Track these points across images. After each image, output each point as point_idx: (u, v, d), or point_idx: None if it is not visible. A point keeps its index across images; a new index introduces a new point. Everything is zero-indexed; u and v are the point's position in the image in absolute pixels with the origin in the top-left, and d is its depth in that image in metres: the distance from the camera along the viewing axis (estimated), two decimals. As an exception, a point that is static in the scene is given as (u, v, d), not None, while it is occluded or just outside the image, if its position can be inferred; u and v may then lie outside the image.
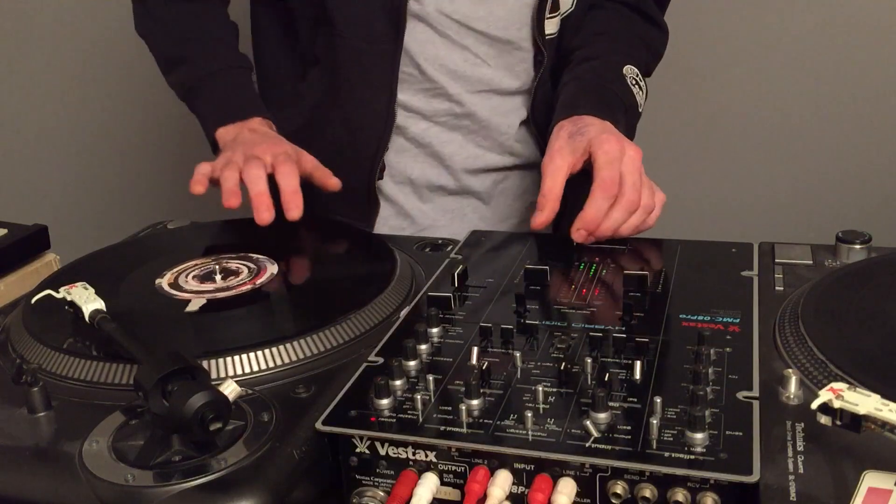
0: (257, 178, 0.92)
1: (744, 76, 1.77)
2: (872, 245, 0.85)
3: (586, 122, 0.98)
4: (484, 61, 1.09)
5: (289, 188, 0.93)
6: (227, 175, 0.93)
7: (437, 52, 1.07)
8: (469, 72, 1.09)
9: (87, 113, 2.17)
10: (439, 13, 1.05)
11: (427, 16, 1.05)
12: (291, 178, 0.94)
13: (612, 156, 0.91)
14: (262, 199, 0.91)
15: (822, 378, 0.63)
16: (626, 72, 1.07)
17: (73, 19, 2.09)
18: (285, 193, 0.93)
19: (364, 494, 0.62)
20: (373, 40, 1.05)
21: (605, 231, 0.90)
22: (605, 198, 0.89)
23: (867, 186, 1.76)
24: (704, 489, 0.55)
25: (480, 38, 1.08)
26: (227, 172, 0.94)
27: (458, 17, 1.06)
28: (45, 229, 1.02)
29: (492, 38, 1.08)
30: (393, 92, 1.07)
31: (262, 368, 0.70)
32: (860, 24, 1.68)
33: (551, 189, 0.92)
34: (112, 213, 2.21)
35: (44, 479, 0.59)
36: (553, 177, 0.93)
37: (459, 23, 1.06)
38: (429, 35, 1.06)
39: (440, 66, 1.08)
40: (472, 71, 1.09)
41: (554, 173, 0.93)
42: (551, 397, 0.63)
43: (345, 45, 1.07)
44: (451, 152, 1.13)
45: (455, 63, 1.08)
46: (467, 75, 1.09)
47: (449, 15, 1.06)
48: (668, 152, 1.72)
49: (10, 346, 0.77)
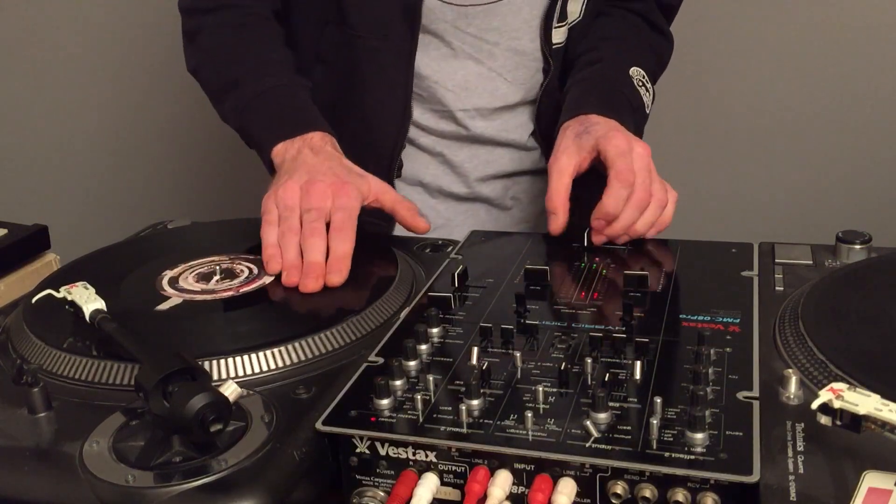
0: (314, 248, 0.85)
1: (743, 77, 1.78)
2: (872, 245, 0.85)
3: (593, 121, 0.97)
4: (499, 74, 1.09)
5: (338, 252, 0.85)
6: (288, 242, 0.86)
7: (452, 68, 1.07)
8: (482, 87, 1.09)
9: (88, 113, 2.17)
10: (455, 28, 1.06)
11: (444, 32, 1.06)
12: (345, 243, 0.86)
13: (623, 149, 0.91)
14: (314, 268, 0.84)
15: (822, 378, 0.63)
16: (632, 73, 1.07)
17: (73, 19, 2.09)
18: (333, 258, 0.85)
19: (364, 494, 0.62)
20: (389, 39, 1.05)
21: (617, 229, 0.90)
22: (622, 187, 0.89)
23: (867, 186, 1.76)
24: (704, 489, 0.55)
25: (495, 51, 1.08)
26: (288, 236, 0.86)
27: (472, 31, 1.06)
28: (45, 229, 1.02)
29: (505, 49, 1.08)
30: (409, 89, 1.07)
31: (263, 369, 0.70)
32: (860, 25, 1.68)
33: (558, 190, 0.92)
34: (112, 213, 2.21)
35: (44, 480, 0.59)
36: (559, 176, 0.93)
37: (474, 36, 1.06)
38: (444, 52, 1.07)
39: (454, 84, 1.08)
40: (486, 86, 1.09)
41: (560, 173, 0.93)
42: (551, 397, 0.63)
43: (361, 44, 1.06)
44: (462, 160, 1.14)
45: (468, 80, 1.08)
46: (479, 91, 1.09)
47: (463, 29, 1.06)
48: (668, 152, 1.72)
49: (10, 346, 0.77)
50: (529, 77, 1.11)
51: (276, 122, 0.99)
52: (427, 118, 1.11)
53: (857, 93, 1.72)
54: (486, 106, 1.10)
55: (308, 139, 0.96)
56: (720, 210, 1.85)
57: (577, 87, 1.07)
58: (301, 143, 0.96)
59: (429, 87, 1.09)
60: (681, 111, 1.76)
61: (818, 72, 1.73)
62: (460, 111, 1.10)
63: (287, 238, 0.86)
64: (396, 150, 1.09)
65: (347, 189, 0.89)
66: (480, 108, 1.11)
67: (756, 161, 1.82)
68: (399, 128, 1.09)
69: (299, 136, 0.96)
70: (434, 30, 1.06)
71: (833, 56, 1.71)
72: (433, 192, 1.16)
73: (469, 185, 1.15)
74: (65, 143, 2.21)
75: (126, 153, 2.20)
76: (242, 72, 1.03)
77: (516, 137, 1.14)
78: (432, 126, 1.11)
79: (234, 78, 1.03)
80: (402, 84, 1.07)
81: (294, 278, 0.83)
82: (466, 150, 1.13)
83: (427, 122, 1.11)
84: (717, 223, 1.78)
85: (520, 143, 1.15)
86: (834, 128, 1.75)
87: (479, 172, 1.15)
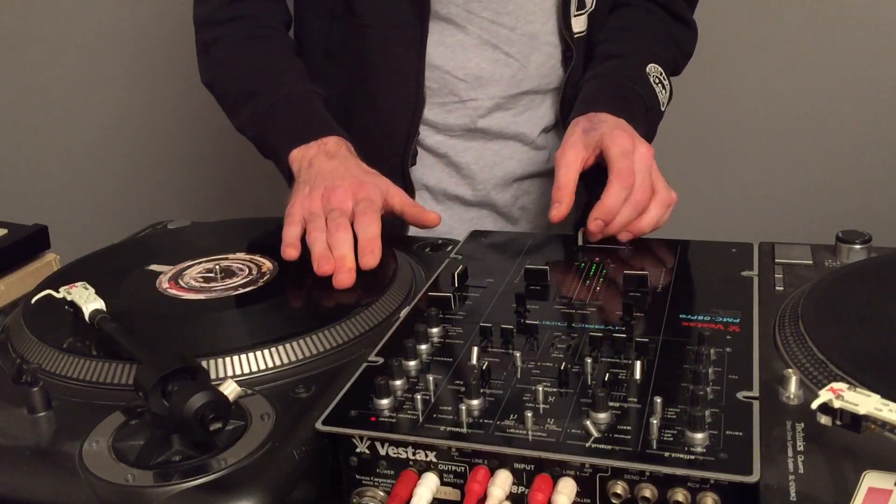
0: (340, 242, 0.86)
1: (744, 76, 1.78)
2: (872, 245, 0.85)
3: (601, 118, 0.98)
4: (515, 59, 1.09)
5: (367, 235, 0.86)
6: (315, 238, 0.87)
7: (466, 55, 1.07)
8: (498, 74, 1.09)
9: (88, 113, 2.17)
10: (468, 13, 1.05)
11: (455, 16, 1.06)
12: (371, 226, 0.87)
13: (626, 148, 0.91)
14: (345, 262, 0.84)
15: (822, 378, 0.63)
16: (649, 70, 1.07)
17: (73, 19, 2.09)
18: (363, 240, 0.86)
19: (364, 494, 0.62)
20: (399, 27, 1.05)
21: (615, 227, 0.90)
22: (622, 187, 0.89)
23: (867, 186, 1.76)
24: (704, 489, 0.55)
25: (512, 35, 1.07)
26: (314, 234, 0.87)
27: (486, 15, 1.06)
28: (45, 229, 1.02)
29: (521, 32, 1.08)
30: (420, 78, 1.07)
31: (263, 368, 0.70)
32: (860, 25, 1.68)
33: (566, 182, 0.92)
34: (112, 213, 2.21)
35: (44, 479, 0.59)
36: (566, 169, 0.93)
37: (489, 20, 1.06)
38: (458, 38, 1.07)
39: (466, 73, 1.08)
40: (502, 72, 1.09)
41: (567, 166, 0.93)
42: (551, 397, 0.63)
43: (371, 34, 1.07)
44: (468, 161, 1.13)
45: (482, 66, 1.08)
46: (495, 78, 1.09)
47: (477, 13, 1.06)
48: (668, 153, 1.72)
49: (10, 346, 0.77)
50: (544, 62, 1.11)
51: (292, 128, 1.01)
52: (435, 113, 1.10)
53: (857, 93, 1.72)
54: (499, 94, 1.10)
55: (323, 144, 0.98)
56: (720, 210, 1.85)
57: (591, 82, 1.07)
58: (317, 148, 0.98)
59: (440, 78, 1.08)
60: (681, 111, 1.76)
61: (818, 72, 1.73)
62: (472, 101, 1.10)
63: (314, 236, 0.87)
64: (410, 138, 1.09)
65: (367, 186, 0.92)
66: (494, 96, 1.10)
67: (756, 161, 1.82)
68: (413, 115, 1.08)
69: (314, 142, 0.98)
70: (445, 14, 1.06)
71: (833, 56, 1.71)
72: (438, 196, 1.15)
73: (475, 189, 1.15)
74: (65, 143, 2.21)
75: (126, 153, 2.20)
76: (258, 83, 1.05)
77: (526, 131, 1.13)
78: (440, 122, 1.11)
79: (250, 89, 1.05)
80: (413, 71, 1.06)
81: (326, 267, 0.84)
82: (473, 151, 1.13)
83: (435, 118, 1.11)
84: (717, 223, 1.78)
85: (529, 138, 1.14)
86: (834, 128, 1.75)
87: (486, 174, 1.14)
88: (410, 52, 1.06)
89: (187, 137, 2.13)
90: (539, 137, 1.15)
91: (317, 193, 0.91)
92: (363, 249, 0.85)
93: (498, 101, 1.10)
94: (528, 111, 1.13)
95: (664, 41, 1.13)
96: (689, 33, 1.17)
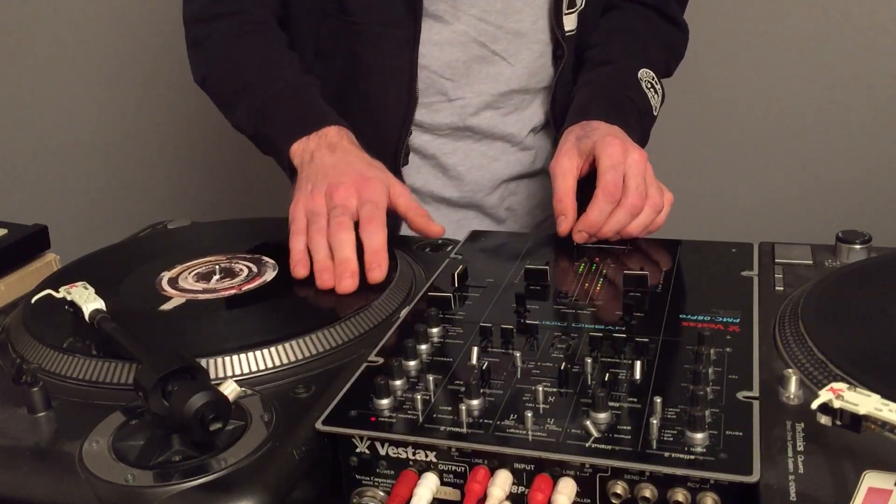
0: (343, 243, 0.84)
1: (744, 76, 1.78)
2: (872, 245, 0.85)
3: (594, 125, 0.98)
4: (502, 58, 1.08)
5: (372, 246, 0.84)
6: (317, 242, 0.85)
7: (453, 55, 1.07)
8: (485, 72, 1.08)
9: (88, 113, 2.17)
10: (456, 10, 1.05)
11: (444, 13, 1.05)
12: (376, 234, 0.85)
13: (616, 159, 0.91)
14: (347, 265, 0.83)
15: (822, 378, 0.63)
16: (641, 76, 1.07)
17: (73, 19, 2.09)
18: (368, 252, 0.84)
19: (364, 494, 0.62)
20: (391, 25, 1.05)
21: (607, 232, 0.90)
22: (607, 202, 0.90)
23: (867, 186, 1.76)
24: (704, 489, 0.55)
25: (499, 33, 1.07)
26: (316, 237, 0.86)
27: (474, 13, 1.06)
28: (45, 229, 1.02)
29: (508, 30, 1.07)
30: (413, 76, 1.06)
31: (263, 368, 0.70)
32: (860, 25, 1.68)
33: (566, 192, 0.93)
34: (112, 213, 2.21)
35: (44, 479, 0.59)
36: (563, 178, 0.93)
37: (477, 18, 1.06)
38: (445, 35, 1.06)
39: (454, 72, 1.08)
40: (489, 70, 1.08)
41: (564, 175, 0.94)
42: (551, 397, 0.63)
43: (363, 31, 1.06)
44: (455, 162, 1.13)
45: (469, 65, 1.08)
46: (482, 76, 1.09)
47: (465, 11, 1.05)
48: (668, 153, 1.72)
49: (10, 346, 0.77)
50: (533, 61, 1.10)
51: (290, 121, 0.99)
52: (423, 113, 1.10)
53: (857, 93, 1.72)
54: (487, 91, 1.10)
55: (323, 135, 0.96)
56: (720, 210, 1.85)
57: (584, 89, 1.07)
58: (317, 140, 0.96)
59: (427, 77, 1.08)
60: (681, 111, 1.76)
61: (818, 72, 1.73)
62: (459, 100, 1.09)
63: (315, 240, 0.85)
64: (403, 136, 1.09)
65: (372, 183, 0.89)
66: (482, 93, 1.10)
67: (756, 161, 1.82)
68: (405, 113, 1.08)
69: (314, 133, 0.96)
70: (433, 11, 1.05)
71: (833, 56, 1.71)
72: (425, 198, 1.15)
73: (462, 190, 1.14)
74: (65, 143, 2.21)
75: (126, 153, 2.20)
76: (251, 77, 1.03)
77: (515, 132, 1.13)
78: (427, 121, 1.10)
79: (243, 83, 1.03)
80: (406, 68, 1.06)
81: (327, 280, 0.82)
82: (460, 151, 1.13)
83: (422, 118, 1.10)
84: (717, 223, 1.78)
85: (517, 139, 1.14)
86: (834, 128, 1.75)
87: (473, 176, 1.14)
88: (403, 50, 1.05)
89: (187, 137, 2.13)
90: (528, 138, 1.15)
91: (319, 191, 0.89)
92: (370, 263, 0.83)
93: (486, 100, 1.10)
94: (518, 110, 1.13)
95: (656, 44, 1.13)
96: (681, 35, 1.17)
